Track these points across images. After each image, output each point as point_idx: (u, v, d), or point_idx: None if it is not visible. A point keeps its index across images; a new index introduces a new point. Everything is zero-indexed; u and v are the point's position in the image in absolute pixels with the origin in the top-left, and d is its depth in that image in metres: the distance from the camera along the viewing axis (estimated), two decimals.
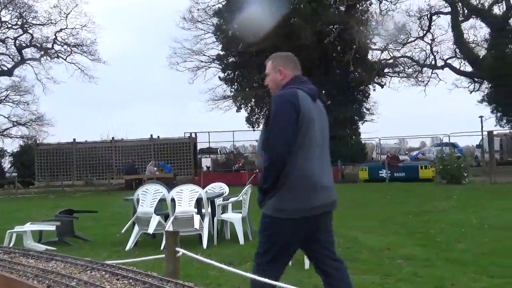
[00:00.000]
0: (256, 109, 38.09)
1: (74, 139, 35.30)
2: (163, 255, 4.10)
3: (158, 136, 30.75)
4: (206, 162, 33.76)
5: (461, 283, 6.57)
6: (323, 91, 34.88)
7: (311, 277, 7.15)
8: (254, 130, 37.44)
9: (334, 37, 33.38)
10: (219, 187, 11.49)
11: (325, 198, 3.92)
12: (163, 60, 65.40)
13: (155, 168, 30.28)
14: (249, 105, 37.74)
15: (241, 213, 10.21)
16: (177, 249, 3.68)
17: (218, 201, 10.45)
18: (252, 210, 12.70)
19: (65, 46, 40.31)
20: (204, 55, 39.21)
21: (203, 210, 9.72)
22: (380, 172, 27.00)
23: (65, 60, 40.34)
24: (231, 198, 10.87)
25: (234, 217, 10.13)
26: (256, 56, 34.63)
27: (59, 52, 40.41)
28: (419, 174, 26.12)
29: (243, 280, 6.28)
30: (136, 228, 9.71)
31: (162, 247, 7.94)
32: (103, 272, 3.28)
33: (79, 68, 39.96)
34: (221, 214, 10.43)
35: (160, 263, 5.72)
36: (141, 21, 76.00)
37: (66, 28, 39.51)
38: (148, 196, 9.69)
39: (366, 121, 37.46)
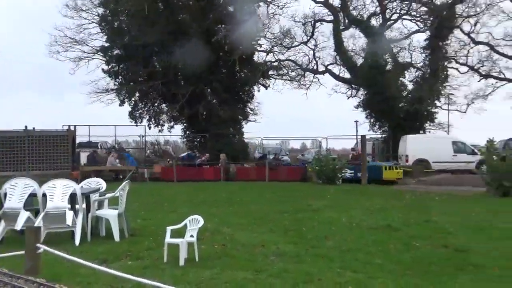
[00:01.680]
0: (140, 104, 37.34)
1: None
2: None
3: (34, 128, 29.01)
4: (85, 156, 32.38)
5: (327, 278, 6.96)
6: (209, 90, 35.03)
7: (185, 274, 7.20)
8: (137, 125, 36.74)
9: (222, 37, 33.62)
10: (96, 182, 11.16)
11: None
12: (44, 48, 61.61)
13: (117, 160, 29.17)
14: (133, 99, 36.88)
15: (117, 209, 9.97)
16: (38, 245, 3.54)
17: (94, 197, 10.13)
18: (130, 207, 12.49)
19: None
20: (87, 45, 37.69)
21: (77, 206, 9.39)
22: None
23: None
24: (108, 194, 10.59)
25: (109, 214, 9.88)
26: (142, 50, 33.97)
27: None
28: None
29: (114, 278, 6.17)
30: (3, 223, 9.16)
31: None
32: None
33: None
34: (97, 210, 10.13)
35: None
36: (22, 9, 71.04)
37: None
38: (16, 191, 9.17)
39: (250, 121, 38.13)
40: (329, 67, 41.11)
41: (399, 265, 7.69)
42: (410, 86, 38.64)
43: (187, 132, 37.45)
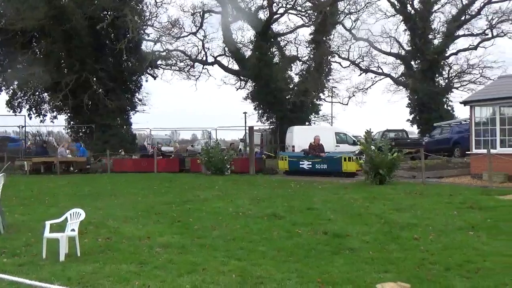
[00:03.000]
0: (20, 92, 35.26)
1: None
2: None
3: None
4: None
5: (212, 267, 7.06)
6: (95, 79, 33.82)
7: (66, 269, 6.97)
8: (16, 115, 34.67)
9: (107, 24, 32.52)
10: None
11: None
12: None
13: (67, 151, 27.54)
14: (11, 87, 34.74)
15: None
16: None
17: None
18: (7, 202, 11.81)
19: None
20: None
21: None
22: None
23: None
24: None
25: None
26: (21, 35, 32.02)
27: None
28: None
29: None
30: None
31: None
32: None
33: None
34: None
35: None
36: None
37: None
38: None
39: (138, 111, 37.40)
40: (218, 58, 41.42)
41: (282, 251, 7.97)
42: (296, 79, 39.96)
43: (72, 122, 35.91)
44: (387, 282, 2.70)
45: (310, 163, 23.27)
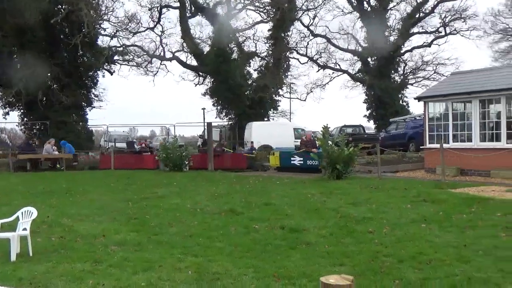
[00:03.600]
0: None
1: None
2: None
3: None
4: None
5: (168, 264, 7.01)
6: (49, 74, 33.00)
7: (17, 270, 6.81)
8: None
9: (62, 18, 31.74)
10: None
11: None
12: None
13: (53, 147, 26.66)
14: None
15: None
16: None
17: None
18: None
19: None
20: None
21: None
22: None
23: None
24: None
25: None
26: None
27: None
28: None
29: None
30: None
31: None
32: None
33: None
34: None
35: None
36: None
37: None
38: None
39: (95, 107, 36.70)
40: (176, 54, 41.08)
41: (239, 247, 7.99)
42: (255, 75, 40.06)
43: (25, 119, 34.94)
44: (331, 275, 2.72)
45: (302, 159, 22.25)
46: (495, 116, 18.32)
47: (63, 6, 32.62)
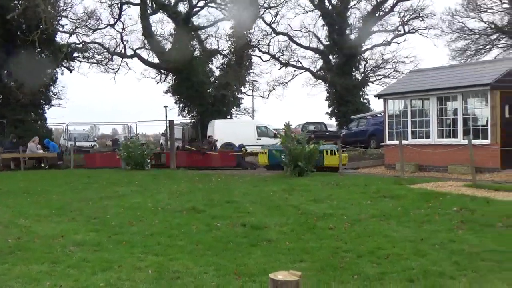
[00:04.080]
0: None
1: None
2: None
3: None
4: None
5: (128, 264, 6.93)
6: (5, 71, 32.18)
7: None
8: None
9: (18, 14, 30.95)
10: None
11: None
12: None
13: (38, 146, 26.38)
14: None
15: None
16: None
17: None
18: None
19: None
20: None
21: None
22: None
23: None
24: None
25: None
26: None
27: None
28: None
29: None
30: None
31: None
32: None
33: None
34: None
35: None
36: None
37: None
38: None
39: (53, 105, 35.98)
40: (137, 51, 40.40)
41: (200, 245, 7.96)
42: (217, 73, 39.93)
43: None
44: (279, 271, 2.75)
45: None
46: (452, 113, 18.78)
47: (20, 2, 31.86)
